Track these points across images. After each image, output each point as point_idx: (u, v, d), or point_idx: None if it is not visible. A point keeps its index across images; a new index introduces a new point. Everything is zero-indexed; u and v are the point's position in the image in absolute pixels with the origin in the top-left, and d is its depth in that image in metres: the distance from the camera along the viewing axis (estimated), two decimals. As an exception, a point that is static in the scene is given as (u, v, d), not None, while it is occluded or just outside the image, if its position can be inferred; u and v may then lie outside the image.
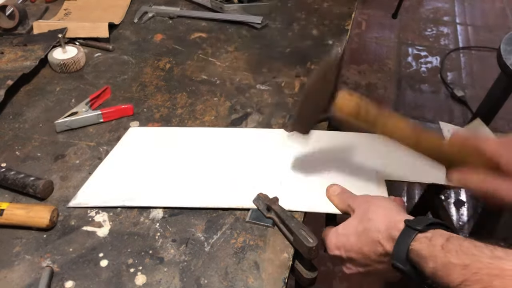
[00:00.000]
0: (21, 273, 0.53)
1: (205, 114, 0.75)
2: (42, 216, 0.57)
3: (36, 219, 0.57)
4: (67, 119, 0.71)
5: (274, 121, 0.74)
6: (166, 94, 0.79)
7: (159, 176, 0.63)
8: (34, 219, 0.57)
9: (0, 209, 0.57)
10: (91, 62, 0.86)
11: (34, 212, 0.57)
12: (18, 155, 0.68)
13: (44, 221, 0.57)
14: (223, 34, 0.94)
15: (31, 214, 0.57)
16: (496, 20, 2.66)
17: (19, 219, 0.57)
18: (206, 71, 0.84)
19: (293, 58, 0.87)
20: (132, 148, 0.69)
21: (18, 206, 0.58)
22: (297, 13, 1.00)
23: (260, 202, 0.59)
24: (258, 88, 0.80)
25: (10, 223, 0.57)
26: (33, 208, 0.58)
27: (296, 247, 0.55)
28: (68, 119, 0.71)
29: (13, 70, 0.81)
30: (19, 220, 0.57)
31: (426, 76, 2.27)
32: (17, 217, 0.57)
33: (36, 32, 0.91)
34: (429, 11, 2.75)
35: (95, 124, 0.73)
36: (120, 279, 0.53)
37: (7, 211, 0.57)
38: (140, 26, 0.97)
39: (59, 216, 0.59)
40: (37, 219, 0.57)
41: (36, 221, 0.57)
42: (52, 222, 0.57)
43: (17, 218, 0.57)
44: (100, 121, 0.73)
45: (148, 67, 0.85)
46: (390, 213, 0.52)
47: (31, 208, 0.58)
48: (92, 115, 0.73)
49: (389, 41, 2.51)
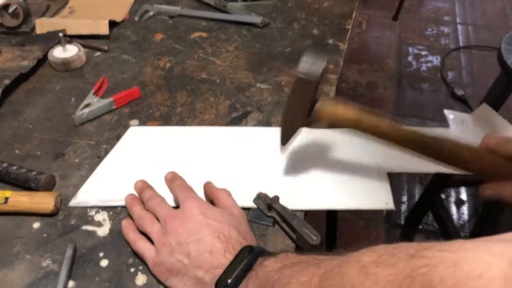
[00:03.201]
0: (21, 273, 0.53)
1: (205, 112, 0.75)
2: (47, 202, 0.57)
3: (41, 205, 0.57)
4: (84, 111, 0.73)
5: (274, 119, 0.74)
6: (166, 93, 0.79)
7: (159, 175, 0.63)
8: (39, 205, 0.57)
9: (5, 197, 0.58)
10: (91, 61, 0.87)
11: (38, 198, 0.58)
12: (18, 154, 0.68)
13: (49, 206, 0.57)
14: (224, 33, 0.94)
15: (35, 200, 0.58)
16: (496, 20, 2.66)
17: (24, 206, 0.58)
18: (206, 70, 0.84)
19: (293, 58, 0.87)
20: (132, 147, 0.69)
21: (22, 194, 0.59)
22: (297, 12, 1.00)
23: (260, 201, 0.59)
24: (258, 87, 0.80)
25: (15, 210, 0.58)
26: (37, 195, 0.59)
27: (299, 245, 0.55)
28: (85, 111, 0.73)
29: (10, 69, 0.81)
30: (24, 207, 0.58)
31: (427, 75, 2.27)
32: (22, 204, 0.58)
33: (39, 30, 0.92)
34: (429, 10, 2.75)
35: (109, 112, 0.75)
36: (120, 279, 0.53)
37: (11, 198, 0.58)
38: (141, 26, 0.97)
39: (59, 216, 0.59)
40: (42, 204, 0.57)
41: (40, 207, 0.57)
42: (56, 208, 0.58)
43: (22, 205, 0.58)
44: (113, 108, 0.75)
45: (148, 66, 0.85)
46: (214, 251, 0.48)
47: (35, 194, 0.59)
48: (105, 103, 0.74)
49: (390, 41, 2.51)
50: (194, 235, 0.50)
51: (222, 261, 0.47)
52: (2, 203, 0.58)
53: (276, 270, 0.43)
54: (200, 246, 0.49)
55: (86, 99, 0.75)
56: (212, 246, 0.49)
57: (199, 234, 0.50)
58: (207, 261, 0.48)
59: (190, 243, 0.49)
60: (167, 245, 0.50)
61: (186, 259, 0.49)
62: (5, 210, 0.58)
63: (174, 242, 0.50)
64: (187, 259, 0.48)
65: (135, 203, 0.58)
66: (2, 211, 0.58)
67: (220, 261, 0.47)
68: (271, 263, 0.45)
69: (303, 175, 0.64)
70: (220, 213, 0.53)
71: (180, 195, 0.56)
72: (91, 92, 0.76)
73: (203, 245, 0.49)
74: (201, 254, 0.48)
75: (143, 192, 0.59)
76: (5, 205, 0.58)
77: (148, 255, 0.52)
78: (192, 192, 0.57)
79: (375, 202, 0.61)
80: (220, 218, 0.52)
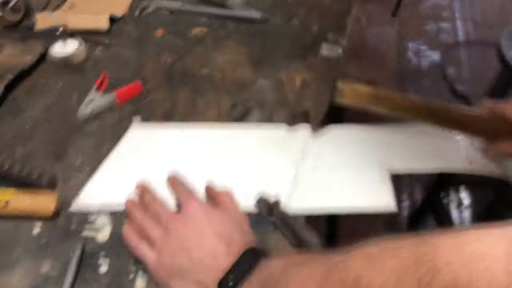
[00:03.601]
0: (21, 278, 0.53)
1: (207, 109, 0.75)
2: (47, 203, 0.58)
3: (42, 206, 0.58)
4: (87, 107, 0.73)
5: (276, 116, 0.74)
6: (167, 90, 0.79)
7: (162, 176, 0.62)
8: (40, 206, 0.58)
9: (5, 200, 0.57)
10: (92, 57, 0.86)
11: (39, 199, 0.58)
12: (19, 154, 0.68)
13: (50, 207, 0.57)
14: (224, 29, 0.94)
15: (36, 201, 0.58)
16: (496, 16, 2.66)
17: (25, 208, 0.58)
18: (207, 66, 0.84)
19: (293, 54, 0.87)
20: (134, 148, 0.68)
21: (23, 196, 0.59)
22: (297, 8, 1.00)
23: (261, 205, 0.59)
24: (259, 83, 0.80)
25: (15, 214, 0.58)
26: (37, 196, 0.58)
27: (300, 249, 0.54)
28: (89, 106, 0.73)
29: (12, 65, 0.81)
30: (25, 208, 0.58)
31: (427, 71, 2.27)
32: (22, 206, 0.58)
33: (40, 24, 0.91)
34: (428, 6, 2.74)
35: (111, 107, 0.75)
36: (120, 284, 0.52)
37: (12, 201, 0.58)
38: (141, 21, 0.97)
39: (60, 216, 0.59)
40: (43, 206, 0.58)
41: (41, 208, 0.58)
42: (57, 209, 0.58)
43: (23, 207, 0.58)
44: (116, 103, 0.76)
45: (149, 62, 0.85)
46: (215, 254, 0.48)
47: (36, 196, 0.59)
48: (107, 98, 0.75)
49: (390, 37, 2.51)
50: (196, 238, 0.49)
51: (224, 263, 0.47)
52: (3, 206, 0.57)
53: (279, 270, 0.43)
54: (202, 249, 0.48)
55: (89, 95, 0.75)
56: (214, 249, 0.48)
57: (201, 237, 0.49)
58: (209, 264, 0.47)
59: (192, 246, 0.49)
60: (169, 248, 0.50)
61: (188, 262, 0.48)
62: (5, 214, 0.57)
63: (176, 245, 0.50)
64: (189, 262, 0.48)
65: (135, 207, 0.57)
66: (3, 214, 0.58)
67: (222, 263, 0.47)
68: (274, 264, 0.45)
69: (303, 176, 0.63)
70: (222, 215, 0.53)
71: (182, 198, 0.56)
72: (93, 88, 0.76)
73: (206, 248, 0.48)
74: (204, 257, 0.48)
75: (144, 195, 0.58)
76: (5, 208, 0.57)
77: (149, 259, 0.51)
78: (194, 194, 0.57)
79: (377, 204, 0.60)
80: (222, 220, 0.52)
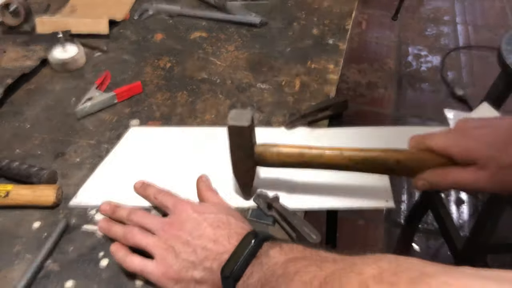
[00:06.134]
0: (21, 272, 0.53)
1: (206, 112, 0.75)
2: (48, 194, 0.58)
3: (42, 197, 0.58)
4: (86, 104, 0.73)
5: (274, 119, 0.74)
6: (166, 93, 0.79)
7: (160, 176, 0.63)
8: (40, 197, 0.58)
9: (6, 191, 0.58)
10: (91, 61, 0.87)
11: (39, 191, 0.59)
12: (19, 153, 0.68)
13: (50, 198, 0.58)
14: (223, 33, 0.94)
15: (36, 193, 0.58)
16: (496, 19, 2.66)
17: (25, 199, 0.58)
18: (206, 70, 0.85)
19: (293, 57, 0.87)
20: (133, 148, 0.69)
21: (23, 187, 0.60)
22: (297, 12, 1.00)
23: (260, 200, 0.60)
24: (259, 87, 0.80)
25: (16, 203, 0.58)
26: (38, 188, 0.59)
27: None
28: (87, 104, 0.73)
29: (13, 69, 0.81)
30: (26, 200, 0.58)
31: (427, 75, 2.28)
32: (23, 197, 0.58)
33: (39, 28, 0.91)
34: (429, 10, 2.75)
35: (111, 105, 0.76)
36: (120, 279, 0.53)
37: (12, 191, 0.58)
38: (140, 25, 0.97)
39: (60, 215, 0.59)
40: (43, 197, 0.58)
41: (42, 199, 0.58)
42: (58, 199, 0.59)
43: (23, 198, 0.58)
44: (115, 102, 0.76)
45: (148, 66, 0.85)
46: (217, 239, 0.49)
47: (36, 187, 0.59)
48: (107, 97, 0.75)
49: (389, 41, 2.51)
50: (195, 232, 0.50)
51: (227, 246, 0.48)
52: (4, 196, 0.58)
53: (280, 264, 0.43)
54: (203, 240, 0.49)
55: (89, 93, 0.75)
56: (214, 236, 0.49)
57: (199, 230, 0.50)
58: (212, 250, 0.48)
59: (193, 240, 0.50)
60: (171, 250, 0.50)
61: (193, 256, 0.49)
62: (6, 204, 0.58)
63: (178, 244, 0.50)
64: (194, 256, 0.49)
65: (112, 224, 0.56)
66: (3, 205, 0.59)
67: (225, 246, 0.48)
68: (276, 254, 0.45)
69: (302, 175, 0.64)
70: (213, 206, 0.55)
71: (168, 202, 0.56)
72: (94, 86, 0.77)
73: (206, 238, 0.49)
74: (206, 246, 0.49)
75: (119, 210, 0.57)
76: (6, 199, 0.58)
77: (150, 268, 0.50)
78: (178, 196, 0.57)
79: (375, 200, 0.61)
80: (215, 210, 0.53)
